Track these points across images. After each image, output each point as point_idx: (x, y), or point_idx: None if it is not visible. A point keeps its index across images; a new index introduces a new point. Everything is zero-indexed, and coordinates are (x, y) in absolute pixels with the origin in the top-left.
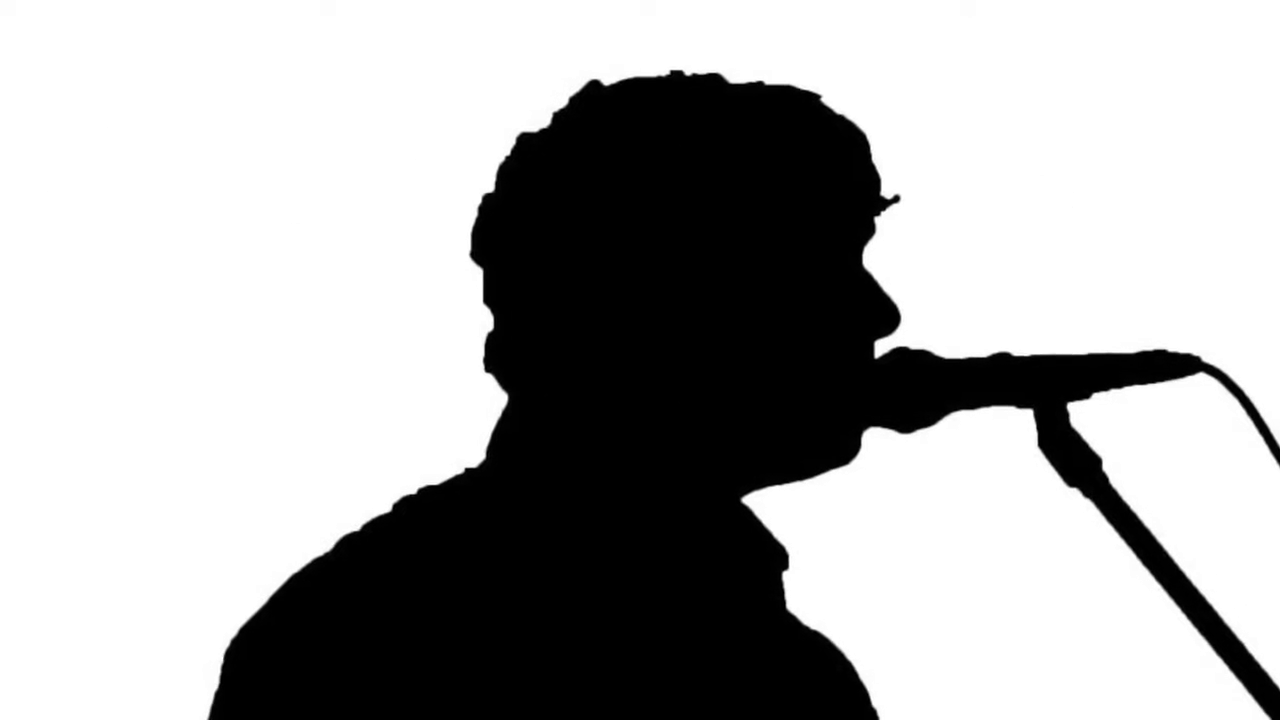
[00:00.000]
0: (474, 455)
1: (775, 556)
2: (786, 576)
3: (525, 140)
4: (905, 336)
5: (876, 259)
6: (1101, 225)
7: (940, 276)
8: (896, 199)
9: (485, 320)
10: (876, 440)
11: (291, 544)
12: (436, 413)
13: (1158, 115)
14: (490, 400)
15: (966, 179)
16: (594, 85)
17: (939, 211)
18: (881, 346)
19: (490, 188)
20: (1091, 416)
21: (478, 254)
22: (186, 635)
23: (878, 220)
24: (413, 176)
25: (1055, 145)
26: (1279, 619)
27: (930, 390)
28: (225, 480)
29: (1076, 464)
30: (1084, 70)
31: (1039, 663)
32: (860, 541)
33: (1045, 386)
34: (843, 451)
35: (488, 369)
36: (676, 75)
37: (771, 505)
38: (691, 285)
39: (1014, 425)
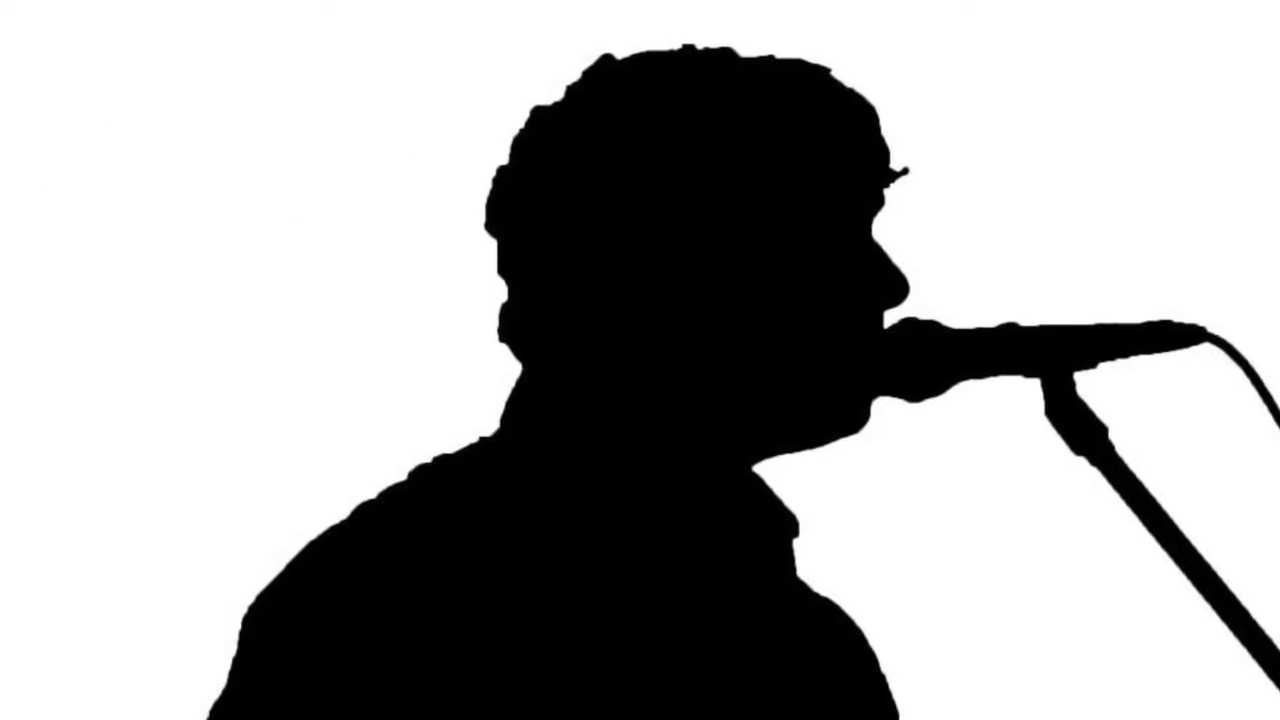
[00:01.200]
0: (489, 424)
1: (786, 524)
2: (797, 544)
3: (539, 113)
4: (914, 307)
5: (885, 232)
6: (1104, 204)
7: (948, 249)
8: (906, 171)
9: (499, 293)
10: (886, 409)
11: (310, 512)
12: (452, 383)
13: (1158, 102)
14: (504, 370)
15: (969, 170)
16: (606, 59)
17: (945, 192)
18: (891, 317)
19: (491, 185)
20: (1098, 386)
21: (492, 225)
22: (209, 604)
23: (886, 193)
24: (413, 175)
25: (1056, 137)
26: None
27: (938, 360)
28: (245, 451)
29: (1083, 433)
30: (1083, 66)
31: (1046, 630)
32: (870, 509)
33: (1052, 356)
34: (852, 420)
35: (502, 339)
36: (688, 49)
37: (782, 473)
38: (703, 255)
39: (1021, 394)
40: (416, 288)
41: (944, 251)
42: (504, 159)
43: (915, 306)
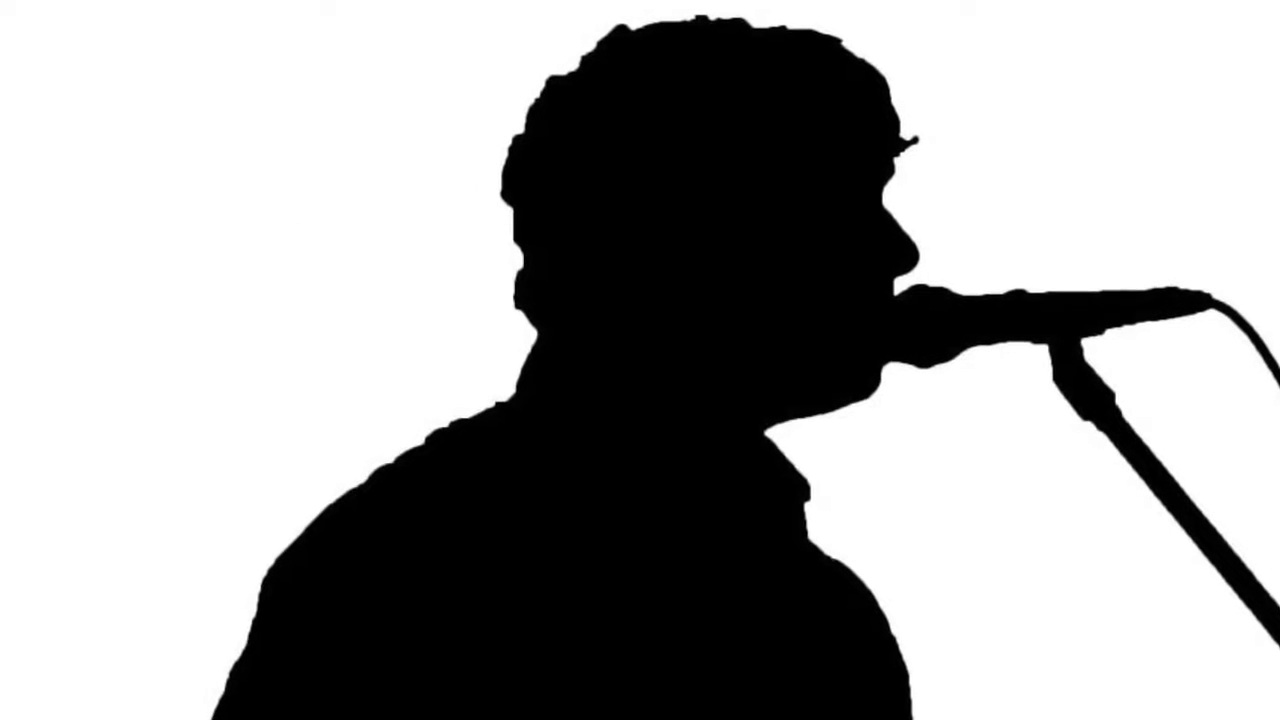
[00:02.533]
0: (505, 390)
1: (797, 488)
2: (808, 508)
3: (554, 82)
4: (924, 274)
5: (895, 203)
6: (1105, 186)
7: (958, 217)
8: (915, 140)
9: (513, 265)
10: (896, 375)
11: (329, 476)
12: (468, 350)
13: (1155, 92)
14: (520, 336)
15: (973, 157)
16: (621, 29)
17: (951, 178)
18: (901, 284)
19: (491, 185)
20: (1105, 352)
21: (508, 193)
22: (232, 569)
23: (896, 164)
24: (414, 172)
25: (1056, 130)
26: None
27: (948, 326)
28: (268, 419)
29: (1090, 398)
30: (1083, 67)
31: (1053, 594)
32: (880, 473)
33: (1060, 323)
34: (863, 385)
35: (518, 306)
36: (701, 20)
37: (794, 438)
38: (716, 222)
39: (1029, 360)
40: (422, 277)
41: (953, 223)
42: (503, 156)
43: (925, 273)
